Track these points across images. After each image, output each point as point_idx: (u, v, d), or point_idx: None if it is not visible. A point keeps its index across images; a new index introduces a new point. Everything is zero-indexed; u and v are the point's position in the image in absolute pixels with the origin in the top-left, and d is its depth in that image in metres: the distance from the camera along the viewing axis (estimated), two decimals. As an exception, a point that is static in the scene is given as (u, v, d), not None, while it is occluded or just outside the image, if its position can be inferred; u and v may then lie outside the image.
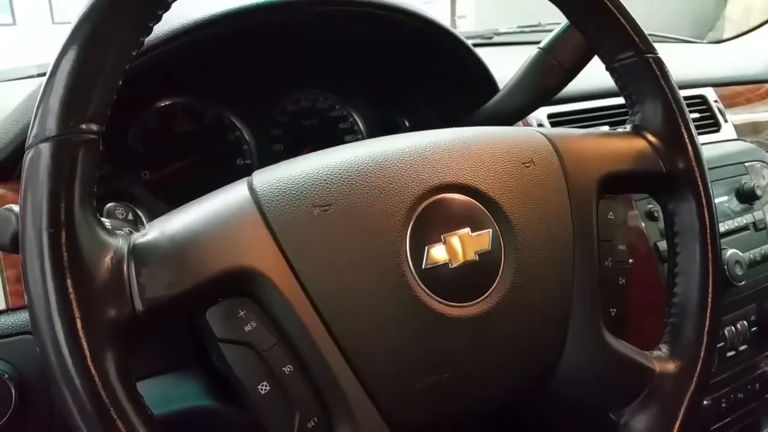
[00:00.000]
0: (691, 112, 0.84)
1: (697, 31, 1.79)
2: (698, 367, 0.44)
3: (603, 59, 0.50)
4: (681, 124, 0.48)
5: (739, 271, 0.73)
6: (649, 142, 0.48)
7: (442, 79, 0.72)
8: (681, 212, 0.48)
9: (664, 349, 0.46)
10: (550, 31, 0.59)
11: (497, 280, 0.40)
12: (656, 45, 1.46)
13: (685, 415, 0.44)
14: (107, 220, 0.36)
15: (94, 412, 0.29)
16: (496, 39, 1.24)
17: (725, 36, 1.46)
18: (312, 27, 0.65)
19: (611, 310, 0.45)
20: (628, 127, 0.50)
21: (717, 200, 0.78)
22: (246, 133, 0.69)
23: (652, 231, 0.70)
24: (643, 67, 0.48)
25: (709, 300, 0.46)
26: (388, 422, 0.36)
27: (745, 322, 0.77)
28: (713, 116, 0.88)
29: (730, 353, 0.75)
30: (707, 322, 0.45)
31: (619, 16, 0.47)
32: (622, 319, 0.46)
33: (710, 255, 0.46)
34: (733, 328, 0.75)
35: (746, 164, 0.82)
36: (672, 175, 0.47)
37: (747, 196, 0.79)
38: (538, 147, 0.45)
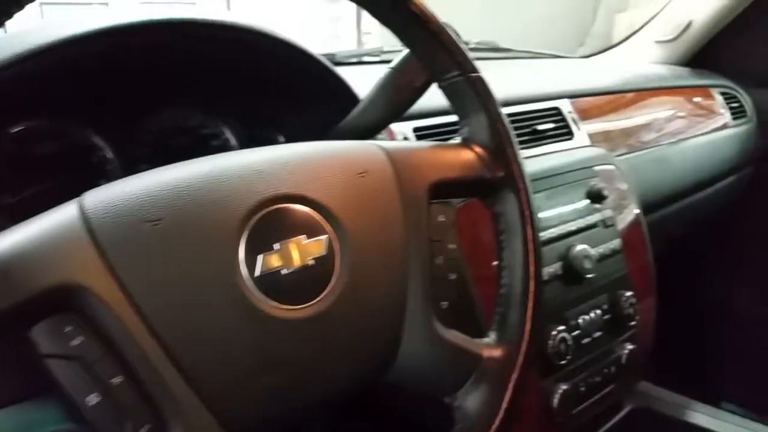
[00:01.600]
0: (545, 122, 0.94)
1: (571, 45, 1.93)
2: (521, 352, 0.49)
3: (434, 79, 0.55)
4: (502, 136, 0.53)
5: (588, 265, 0.81)
6: (476, 152, 0.53)
7: (308, 96, 0.75)
8: (505, 213, 0.53)
9: (492, 336, 0.50)
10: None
11: (332, 282, 0.43)
12: (530, 60, 1.54)
13: (511, 395, 0.48)
14: None
15: None
16: (383, 57, 1.29)
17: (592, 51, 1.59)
18: (174, 46, 0.66)
19: (443, 303, 0.49)
20: (458, 139, 0.55)
21: (570, 202, 0.86)
22: (110, 154, 0.69)
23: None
24: (467, 86, 0.53)
25: (530, 291, 0.51)
26: (224, 426, 0.38)
27: (598, 311, 0.84)
28: (567, 126, 0.96)
29: (586, 340, 0.82)
30: (529, 311, 0.50)
31: (443, 40, 0.52)
32: (454, 311, 0.50)
33: (530, 250, 0.52)
34: (587, 317, 0.82)
35: (595, 168, 0.91)
36: (496, 181, 0.53)
37: (596, 197, 0.87)
38: (372, 158, 0.49)
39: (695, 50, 1.48)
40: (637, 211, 0.95)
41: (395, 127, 0.79)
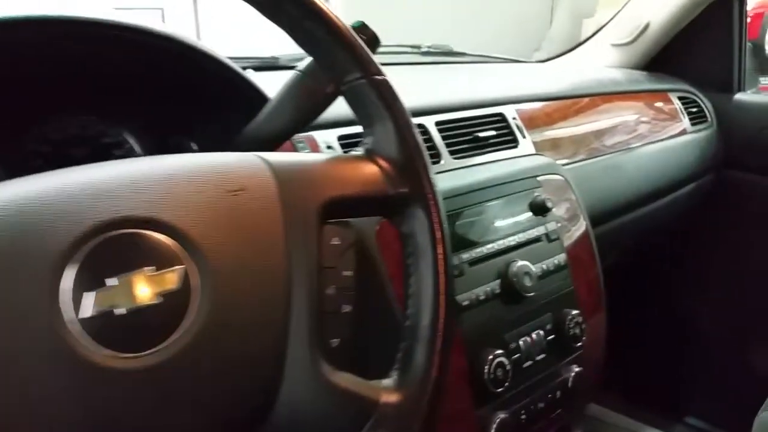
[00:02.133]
0: (489, 129, 0.88)
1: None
2: (426, 397, 0.43)
3: (335, 85, 0.49)
4: (410, 147, 0.47)
5: (528, 283, 0.75)
6: (380, 166, 0.47)
7: (219, 101, 0.69)
8: (413, 234, 0.47)
9: (394, 376, 0.44)
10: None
11: (187, 322, 0.36)
12: (486, 65, 1.49)
13: None
14: None
15: None
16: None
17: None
18: (63, 47, 0.60)
19: (333, 340, 0.43)
20: (360, 151, 0.49)
21: (511, 215, 0.80)
22: None
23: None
24: (369, 90, 0.47)
25: (440, 324, 0.45)
26: None
27: (541, 332, 0.78)
28: (511, 133, 0.90)
29: (527, 364, 0.76)
30: (437, 347, 0.44)
31: (341, 39, 0.46)
32: (347, 348, 0.44)
33: (440, 275, 0.45)
34: (528, 338, 0.76)
35: (539, 178, 0.85)
36: (402, 198, 0.47)
37: (539, 209, 0.82)
38: (252, 173, 0.42)
39: (653, 53, 1.44)
40: (586, 222, 0.90)
41: (318, 135, 0.73)
